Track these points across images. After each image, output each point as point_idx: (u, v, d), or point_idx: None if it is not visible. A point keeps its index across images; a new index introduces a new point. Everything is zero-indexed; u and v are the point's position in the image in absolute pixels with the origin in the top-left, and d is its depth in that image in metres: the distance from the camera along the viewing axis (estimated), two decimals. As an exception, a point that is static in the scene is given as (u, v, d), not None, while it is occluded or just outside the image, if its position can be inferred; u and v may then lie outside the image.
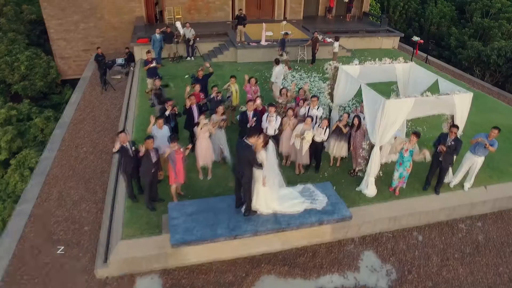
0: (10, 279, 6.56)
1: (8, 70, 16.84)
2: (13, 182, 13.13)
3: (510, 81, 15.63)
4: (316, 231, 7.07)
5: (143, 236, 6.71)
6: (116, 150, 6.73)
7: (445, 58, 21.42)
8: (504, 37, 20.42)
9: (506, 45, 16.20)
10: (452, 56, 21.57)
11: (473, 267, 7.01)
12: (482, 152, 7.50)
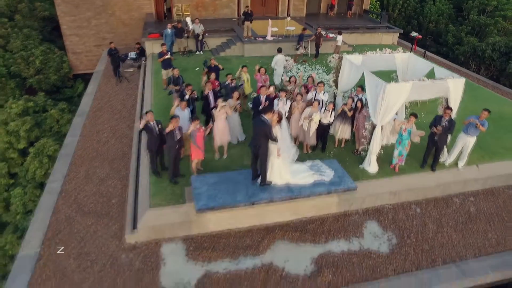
0: (49, 245, 7.33)
1: (24, 64, 17.58)
2: (32, 169, 13.90)
3: (504, 74, 16.44)
4: (324, 203, 7.86)
5: (168, 205, 7.49)
6: (141, 127, 7.51)
7: (443, 54, 22.24)
8: (500, 34, 21.24)
9: (500, 40, 17.04)
10: (450, 52, 22.38)
11: (465, 233, 7.81)
12: (474, 132, 8.29)
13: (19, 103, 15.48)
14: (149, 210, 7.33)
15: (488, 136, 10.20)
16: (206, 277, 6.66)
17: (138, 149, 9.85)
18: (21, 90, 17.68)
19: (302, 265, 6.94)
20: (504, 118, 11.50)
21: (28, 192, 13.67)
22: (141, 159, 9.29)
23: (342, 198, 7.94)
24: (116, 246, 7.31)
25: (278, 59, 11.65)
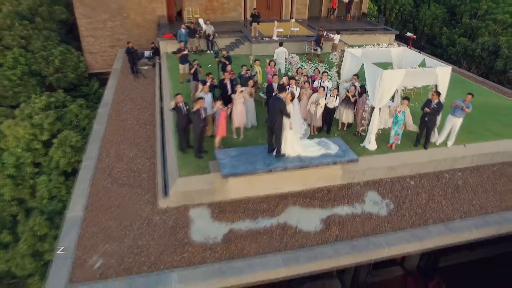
0: (91, 209, 8.48)
1: (44, 63, 18.80)
2: (56, 158, 15.06)
3: (493, 71, 17.79)
4: (330, 175, 9.05)
5: (195, 175, 8.66)
6: (172, 107, 8.72)
7: (437, 55, 23.60)
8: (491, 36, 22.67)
9: (489, 40, 18.43)
10: (444, 53, 23.79)
11: (453, 201, 9.01)
12: (460, 114, 9.54)
13: (42, 99, 16.69)
14: (179, 178, 8.50)
15: (475, 121, 11.49)
16: (231, 233, 7.82)
17: (162, 132, 11.06)
18: (41, 87, 18.89)
19: (312, 224, 8.12)
20: (489, 107, 12.78)
21: (53, 179, 14.81)
22: (165, 141, 10.50)
23: (345, 170, 9.14)
24: (150, 210, 8.46)
25: (279, 51, 13.08)
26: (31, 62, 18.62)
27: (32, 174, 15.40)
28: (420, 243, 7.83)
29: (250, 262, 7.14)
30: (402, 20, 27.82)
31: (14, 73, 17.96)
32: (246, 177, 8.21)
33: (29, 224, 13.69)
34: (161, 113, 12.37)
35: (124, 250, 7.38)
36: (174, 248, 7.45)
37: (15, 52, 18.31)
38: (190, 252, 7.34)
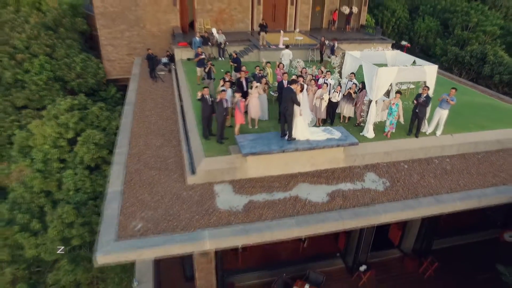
0: (128, 186, 9.88)
1: (67, 69, 20.48)
2: (81, 154, 16.58)
3: (481, 76, 19.43)
4: (334, 158, 10.50)
5: (218, 155, 10.11)
6: (198, 98, 10.24)
7: (431, 64, 25.35)
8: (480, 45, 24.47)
9: (477, 48, 20.15)
10: (438, 63, 25.52)
11: (441, 180, 10.43)
12: (446, 106, 11.06)
13: (67, 101, 18.28)
14: (205, 158, 9.95)
15: (462, 116, 13.03)
16: (250, 203, 9.21)
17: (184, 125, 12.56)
18: (64, 91, 20.50)
19: (320, 196, 9.52)
20: (474, 105, 14.35)
21: (78, 173, 16.30)
22: (188, 131, 11.98)
23: (347, 154, 10.60)
24: (178, 187, 9.86)
25: (285, 52, 14.83)
26: (55, 68, 20.28)
27: (58, 169, 16.85)
28: (412, 211, 9.23)
29: (269, 224, 8.52)
30: (399, 32, 29.73)
31: (40, 78, 19.60)
32: (263, 156, 9.66)
33: (58, 212, 15.06)
34: (182, 110, 13.89)
35: (159, 217, 8.75)
36: (202, 215, 8.82)
37: (41, 59, 19.99)
38: (216, 218, 8.72)
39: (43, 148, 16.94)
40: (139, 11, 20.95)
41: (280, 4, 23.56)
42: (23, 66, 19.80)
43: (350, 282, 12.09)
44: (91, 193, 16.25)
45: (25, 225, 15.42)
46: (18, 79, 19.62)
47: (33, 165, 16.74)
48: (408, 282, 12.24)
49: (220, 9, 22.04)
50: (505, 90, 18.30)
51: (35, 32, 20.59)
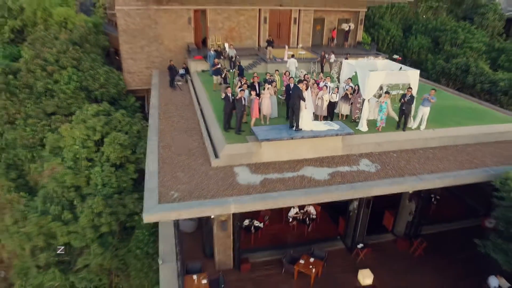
0: (163, 167, 12.01)
1: (91, 80, 22.93)
2: (107, 153, 18.76)
3: (466, 86, 21.86)
4: (333, 147, 12.69)
5: (237, 143, 12.31)
6: (223, 96, 12.55)
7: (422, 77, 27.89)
8: (466, 59, 27.13)
9: (461, 60, 22.67)
10: (430, 76, 28.09)
11: (424, 165, 12.59)
12: (427, 104, 13.36)
13: (94, 107, 20.64)
14: (227, 145, 12.16)
15: (443, 116, 15.33)
16: (265, 180, 11.34)
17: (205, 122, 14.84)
18: (89, 100, 22.87)
19: (322, 176, 11.65)
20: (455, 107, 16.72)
21: (105, 170, 18.44)
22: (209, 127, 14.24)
23: (345, 144, 12.80)
24: (204, 168, 12.02)
25: (291, 61, 17.33)
26: (81, 79, 22.73)
27: (86, 166, 18.97)
28: (398, 186, 11.35)
29: (281, 193, 10.63)
30: (393, 49, 32.49)
31: (68, 87, 22.01)
32: (275, 142, 11.87)
33: (88, 203, 17.13)
34: (201, 111, 16.20)
35: (191, 188, 10.87)
36: (226, 187, 10.94)
37: (69, 71, 22.47)
38: (238, 190, 10.84)
39: (73, 148, 19.12)
40: (158, 29, 23.65)
41: (284, 23, 26.35)
42: (53, 77, 22.24)
43: (349, 259, 14.00)
44: (116, 188, 18.31)
45: (57, 216, 17.44)
46: (49, 89, 22.02)
47: (64, 163, 18.89)
48: (400, 259, 14.15)
49: (230, 27, 24.77)
50: (486, 98, 20.68)
51: (64, 47, 23.18)
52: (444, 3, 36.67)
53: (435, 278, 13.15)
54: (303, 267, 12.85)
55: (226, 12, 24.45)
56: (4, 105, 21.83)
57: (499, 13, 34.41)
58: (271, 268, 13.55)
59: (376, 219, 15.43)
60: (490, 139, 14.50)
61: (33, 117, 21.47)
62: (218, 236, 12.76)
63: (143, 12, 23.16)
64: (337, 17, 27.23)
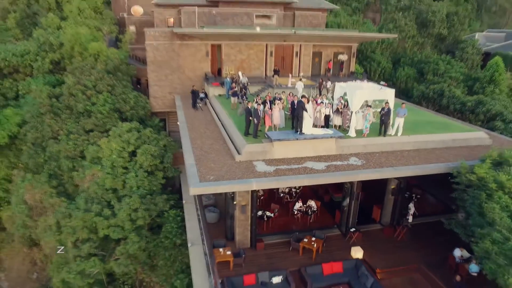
0: (198, 161, 15.98)
1: (123, 103, 27.34)
2: (140, 161, 22.76)
3: (441, 107, 26.23)
4: (329, 147, 16.73)
5: (255, 142, 16.37)
6: (239, 113, 16.78)
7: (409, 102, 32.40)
8: (448, 88, 31.77)
9: (437, 86, 27.20)
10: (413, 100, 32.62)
11: (399, 161, 16.58)
12: (401, 115, 17.57)
13: (127, 125, 24.86)
14: (247, 144, 16.23)
15: (418, 126, 19.49)
16: (277, 169, 15.29)
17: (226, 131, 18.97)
18: (121, 119, 27.15)
19: (320, 167, 15.60)
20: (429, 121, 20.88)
21: (139, 175, 22.37)
22: (230, 134, 18.35)
23: (338, 145, 16.86)
24: (230, 162, 16.00)
25: (299, 83, 21.69)
26: (115, 102, 27.13)
27: (122, 173, 22.87)
28: (378, 173, 15.27)
29: (289, 177, 14.55)
30: (384, 79, 37.32)
31: (104, 109, 26.34)
32: (284, 142, 15.94)
33: (126, 201, 20.89)
34: (222, 124, 20.38)
35: (222, 174, 14.79)
36: (248, 173, 14.87)
37: (104, 95, 26.92)
38: (257, 175, 14.76)
39: (110, 158, 23.12)
40: (180, 60, 28.43)
41: (287, 56, 31.25)
42: (91, 100, 26.66)
43: (344, 241, 17.60)
44: (148, 190, 22.14)
45: (98, 213, 21.13)
46: (87, 110, 26.35)
47: (103, 170, 22.80)
48: (386, 242, 17.73)
49: (241, 59, 29.59)
50: (458, 116, 24.93)
51: (100, 75, 27.80)
52: (429, 39, 42.08)
53: (413, 254, 16.70)
54: (306, 244, 16.51)
55: (238, 46, 29.36)
56: (49, 124, 26.12)
57: (477, 47, 39.68)
58: (281, 247, 17.17)
59: (367, 213, 19.23)
60: (454, 144, 18.55)
61: (74, 133, 25.61)
62: (239, 219, 16.49)
63: (168, 46, 28.03)
64: (333, 51, 32.18)
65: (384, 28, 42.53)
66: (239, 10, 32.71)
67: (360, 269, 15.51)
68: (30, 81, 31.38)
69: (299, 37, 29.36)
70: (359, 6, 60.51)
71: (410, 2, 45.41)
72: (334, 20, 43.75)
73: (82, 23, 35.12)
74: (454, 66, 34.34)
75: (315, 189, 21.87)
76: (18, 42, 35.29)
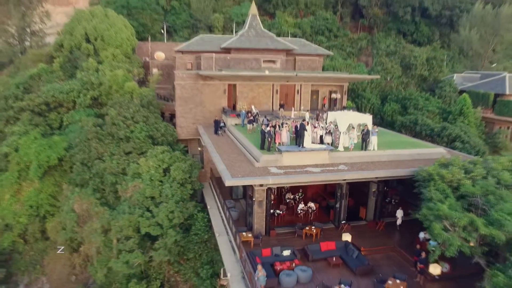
0: (228, 166, 22.40)
1: (155, 131, 34.10)
2: (174, 175, 29.14)
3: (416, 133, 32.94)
4: (324, 158, 23.23)
5: (269, 154, 22.89)
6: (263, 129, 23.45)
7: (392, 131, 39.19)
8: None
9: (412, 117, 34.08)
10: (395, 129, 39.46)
11: (377, 167, 23.00)
12: (374, 134, 24.25)
13: (160, 147, 31.46)
14: (263, 155, 22.75)
15: (394, 145, 26.10)
16: (286, 172, 21.68)
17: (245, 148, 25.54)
18: (153, 144, 33.78)
19: (317, 170, 22.01)
20: (402, 142, 27.51)
21: (173, 186, 28.63)
22: (249, 150, 24.90)
23: (330, 157, 23.36)
24: (251, 167, 22.42)
25: (306, 113, 28.44)
26: (149, 130, 33.89)
27: (158, 185, 29.09)
28: (359, 174, 21.65)
29: (294, 176, 20.92)
30: (373, 113, 44.47)
31: (141, 135, 33.04)
32: (290, 153, 22.46)
33: (164, 205, 27.00)
34: (241, 144, 26.98)
35: (247, 173, 21.15)
36: (265, 173, 21.25)
37: (140, 124, 33.74)
38: (272, 174, 21.13)
39: (149, 173, 29.45)
40: (202, 96, 35.62)
41: (290, 94, 38.54)
42: (130, 128, 33.45)
43: (337, 232, 23.54)
44: (180, 198, 28.24)
45: (140, 215, 27.12)
46: (127, 136, 33.05)
47: (143, 182, 29.03)
48: (369, 231, 23.71)
49: (252, 96, 36.81)
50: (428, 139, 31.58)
51: (137, 108, 34.86)
52: (412, 79, 49.84)
53: (389, 240, 22.68)
54: (308, 231, 22.57)
55: (249, 85, 36.71)
56: (95, 147, 32.71)
57: (453, 86, 47.29)
58: (288, 235, 23.16)
59: (355, 212, 25.36)
60: (420, 158, 25.01)
61: (116, 155, 32.13)
62: (257, 212, 22.60)
63: (193, 85, 35.33)
64: (328, 89, 39.57)
65: (374, 70, 50.52)
66: (248, 56, 40.54)
67: (348, 247, 21.41)
68: (73, 114, 38.48)
69: (300, 78, 36.79)
70: (353, 51, 69.70)
71: (396, 48, 53.81)
72: (330, 63, 51.91)
73: (116, 66, 42.91)
74: (432, 102, 41.66)
75: (314, 196, 28.07)
76: (61, 82, 42.78)
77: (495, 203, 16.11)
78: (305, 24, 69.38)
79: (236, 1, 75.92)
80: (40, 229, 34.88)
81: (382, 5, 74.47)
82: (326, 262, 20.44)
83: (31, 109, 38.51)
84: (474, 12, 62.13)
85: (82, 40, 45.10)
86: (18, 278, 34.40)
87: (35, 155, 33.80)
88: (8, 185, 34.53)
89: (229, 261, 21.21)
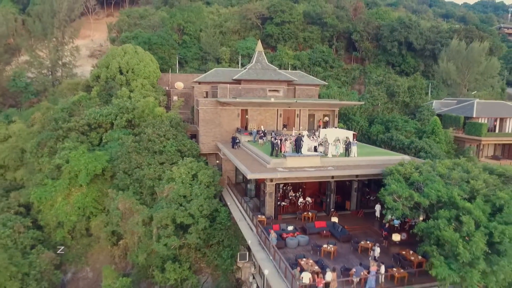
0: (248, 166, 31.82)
1: (183, 146, 43.55)
2: (201, 178, 38.58)
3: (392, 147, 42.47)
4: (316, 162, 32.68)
5: (277, 158, 32.35)
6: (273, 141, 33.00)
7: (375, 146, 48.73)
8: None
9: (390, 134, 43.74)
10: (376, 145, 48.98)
11: (357, 169, 32.44)
12: (354, 144, 33.81)
13: (189, 159, 40.91)
14: (272, 159, 32.21)
15: (371, 154, 35.65)
16: (289, 171, 31.08)
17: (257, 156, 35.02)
18: (182, 156, 43.15)
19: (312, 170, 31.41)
20: (379, 152, 37.03)
21: (200, 187, 37.96)
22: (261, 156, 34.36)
23: (322, 161, 32.82)
24: (264, 167, 31.82)
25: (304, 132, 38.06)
26: (177, 145, 43.38)
27: (188, 186, 38.29)
28: (342, 172, 31.03)
29: (296, 172, 30.31)
30: (361, 134, 54.27)
31: (171, 149, 42.52)
32: (292, 157, 31.93)
33: (194, 201, 36.18)
34: (254, 153, 36.45)
35: (261, 171, 30.55)
36: (274, 172, 30.63)
37: (171, 140, 43.28)
38: (279, 172, 30.51)
39: (180, 177, 38.70)
40: (220, 119, 45.43)
41: (291, 117, 48.37)
42: (163, 143, 42.96)
43: (327, 218, 32.65)
44: (206, 196, 37.33)
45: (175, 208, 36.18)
46: (160, 150, 42.50)
47: (176, 184, 38.22)
48: (351, 218, 32.85)
49: (260, 119, 46.62)
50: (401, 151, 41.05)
51: (167, 128, 44.54)
52: (396, 105, 59.95)
53: (366, 222, 31.87)
54: (306, 215, 31.81)
55: (258, 110, 46.63)
56: (134, 158, 42.12)
57: (431, 111, 57.34)
58: (291, 219, 32.31)
59: (342, 205, 34.68)
60: (389, 162, 34.11)
61: (152, 164, 41.48)
62: (268, 201, 31.85)
63: (213, 110, 45.23)
64: (322, 113, 49.49)
65: (363, 97, 60.75)
66: (256, 86, 50.76)
67: (335, 224, 30.52)
68: (111, 133, 48.15)
69: (299, 104, 46.77)
70: (347, 80, 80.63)
71: (383, 78, 64.37)
72: (326, 91, 62.30)
73: (145, 94, 53.08)
74: (410, 123, 51.54)
75: (311, 195, 37.36)
76: (98, 107, 52.72)
77: (428, 184, 25.39)
78: (303, 56, 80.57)
79: (242, 36, 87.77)
80: (85, 227, 43.61)
81: (373, 39, 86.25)
82: (319, 235, 29.51)
83: (76, 129, 48.20)
84: (451, 46, 73.42)
85: (117, 72, 55.51)
86: (66, 268, 42.76)
87: (84, 165, 43.06)
88: (60, 190, 43.56)
89: (248, 235, 30.21)
